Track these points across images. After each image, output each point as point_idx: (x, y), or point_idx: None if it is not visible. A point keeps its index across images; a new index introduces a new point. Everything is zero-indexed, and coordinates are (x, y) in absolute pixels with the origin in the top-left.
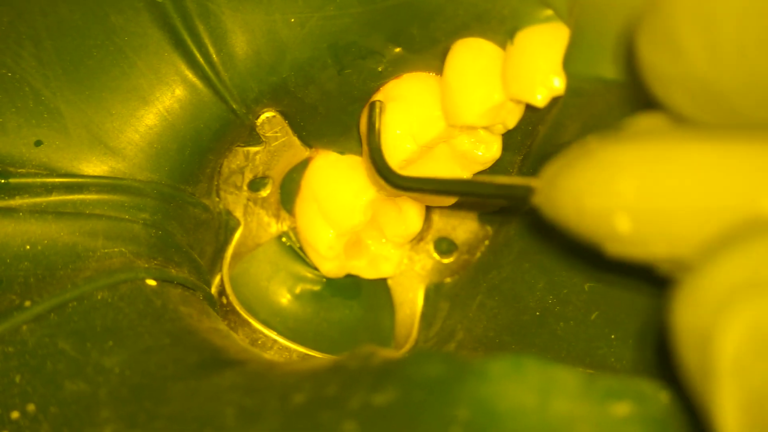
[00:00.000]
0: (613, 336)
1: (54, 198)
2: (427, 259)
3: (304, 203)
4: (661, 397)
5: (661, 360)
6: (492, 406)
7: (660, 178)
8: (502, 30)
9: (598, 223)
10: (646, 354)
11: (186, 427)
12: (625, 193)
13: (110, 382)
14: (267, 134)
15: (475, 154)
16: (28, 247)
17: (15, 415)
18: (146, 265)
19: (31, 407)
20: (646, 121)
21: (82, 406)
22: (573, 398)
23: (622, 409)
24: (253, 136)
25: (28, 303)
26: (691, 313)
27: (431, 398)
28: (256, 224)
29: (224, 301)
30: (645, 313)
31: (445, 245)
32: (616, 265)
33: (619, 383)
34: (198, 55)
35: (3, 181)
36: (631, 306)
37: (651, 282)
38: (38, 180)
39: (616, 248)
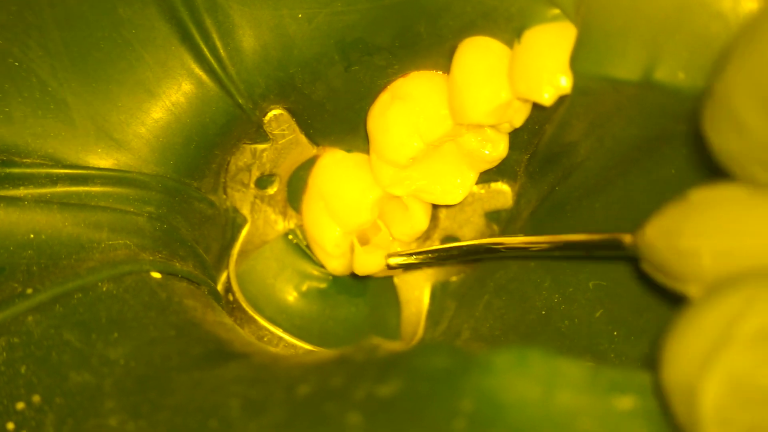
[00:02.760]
0: (615, 333)
1: (59, 189)
2: None
3: (311, 201)
4: None
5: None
6: (496, 398)
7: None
8: (510, 28)
9: (688, 261)
10: (645, 350)
11: (191, 418)
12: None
13: (115, 374)
14: (274, 132)
15: (482, 152)
16: (32, 235)
17: (20, 405)
18: (151, 258)
19: (36, 398)
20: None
21: (86, 397)
22: (577, 391)
23: (625, 402)
24: (260, 134)
25: (30, 290)
26: (676, 367)
27: (436, 390)
28: (263, 222)
29: (230, 298)
30: (648, 311)
31: None
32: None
33: (623, 377)
34: (205, 49)
35: (8, 170)
36: (634, 304)
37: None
38: (43, 171)
39: (698, 287)
